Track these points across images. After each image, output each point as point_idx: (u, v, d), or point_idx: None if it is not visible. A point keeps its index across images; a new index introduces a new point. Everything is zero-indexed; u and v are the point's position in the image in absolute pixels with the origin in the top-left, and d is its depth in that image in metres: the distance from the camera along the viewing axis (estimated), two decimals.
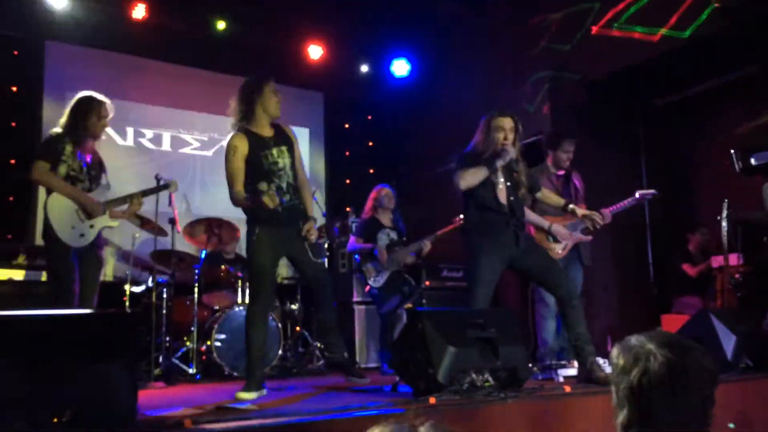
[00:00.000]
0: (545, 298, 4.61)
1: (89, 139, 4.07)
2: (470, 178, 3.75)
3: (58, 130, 4.01)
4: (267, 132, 3.72)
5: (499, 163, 3.77)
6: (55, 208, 3.88)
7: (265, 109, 3.69)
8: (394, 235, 5.48)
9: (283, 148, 3.69)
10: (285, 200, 3.59)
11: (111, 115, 4.14)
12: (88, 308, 3.85)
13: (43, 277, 3.98)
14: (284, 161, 3.66)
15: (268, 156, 3.62)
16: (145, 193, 4.29)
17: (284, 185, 3.64)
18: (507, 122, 3.80)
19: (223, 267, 5.67)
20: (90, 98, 4.11)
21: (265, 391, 3.51)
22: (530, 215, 4.61)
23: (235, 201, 3.63)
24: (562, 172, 4.90)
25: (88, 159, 4.08)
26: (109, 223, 4.08)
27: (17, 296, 4.79)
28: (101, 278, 4.10)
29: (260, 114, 3.69)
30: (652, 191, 4.69)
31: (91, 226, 3.97)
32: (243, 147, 3.60)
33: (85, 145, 4.06)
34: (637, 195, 4.64)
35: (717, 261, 5.94)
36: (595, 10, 6.23)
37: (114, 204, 4.12)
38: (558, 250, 4.60)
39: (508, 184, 3.87)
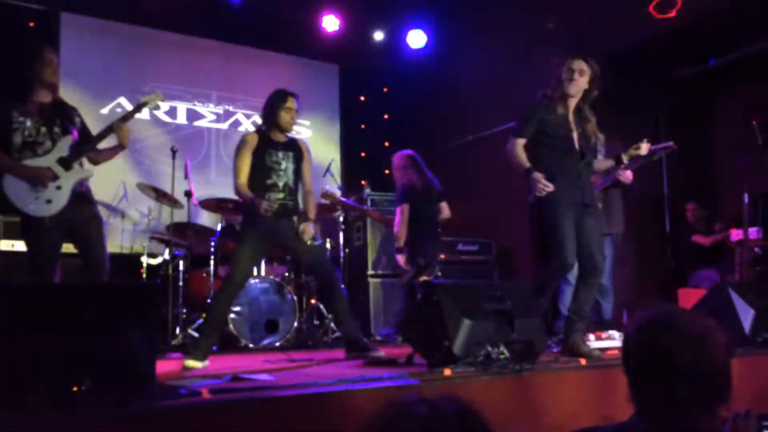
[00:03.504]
0: None
1: (40, 90, 3.54)
2: None
3: None
4: (280, 139, 4.01)
5: None
6: (10, 181, 3.48)
7: (279, 122, 3.97)
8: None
9: (290, 154, 3.98)
10: (279, 198, 3.86)
11: (56, 58, 3.59)
12: (100, 269, 3.56)
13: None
14: (287, 164, 3.94)
15: (272, 155, 3.91)
16: (124, 117, 3.70)
17: (281, 184, 3.90)
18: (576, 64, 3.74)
19: None
20: (27, 44, 3.60)
21: (208, 362, 3.65)
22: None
23: (237, 192, 3.91)
24: None
25: (44, 111, 3.54)
26: (82, 175, 3.61)
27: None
28: (106, 237, 3.67)
29: (276, 125, 3.99)
30: (668, 143, 4.38)
31: (58, 187, 3.50)
32: (253, 142, 3.91)
33: (37, 100, 3.54)
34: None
35: (736, 234, 5.87)
36: None
37: (85, 152, 3.61)
38: None
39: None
